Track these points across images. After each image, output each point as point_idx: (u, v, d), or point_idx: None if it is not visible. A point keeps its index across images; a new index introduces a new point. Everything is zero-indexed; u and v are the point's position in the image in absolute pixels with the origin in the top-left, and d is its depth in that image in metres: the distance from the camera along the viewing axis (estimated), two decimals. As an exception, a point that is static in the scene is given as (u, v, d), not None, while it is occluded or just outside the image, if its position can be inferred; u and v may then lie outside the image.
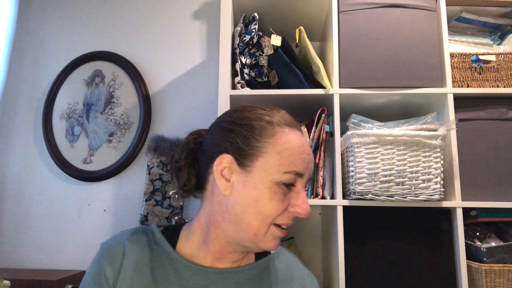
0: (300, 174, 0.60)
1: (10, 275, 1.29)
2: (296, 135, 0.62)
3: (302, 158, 0.60)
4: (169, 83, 1.57)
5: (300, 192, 0.60)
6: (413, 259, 1.01)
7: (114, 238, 0.66)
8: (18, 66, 1.66)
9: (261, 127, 0.61)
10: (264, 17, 1.31)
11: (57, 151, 1.54)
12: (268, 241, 0.60)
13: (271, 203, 0.58)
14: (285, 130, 0.61)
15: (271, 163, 0.58)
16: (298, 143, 0.61)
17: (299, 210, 0.59)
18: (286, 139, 0.60)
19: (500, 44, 1.26)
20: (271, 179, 0.58)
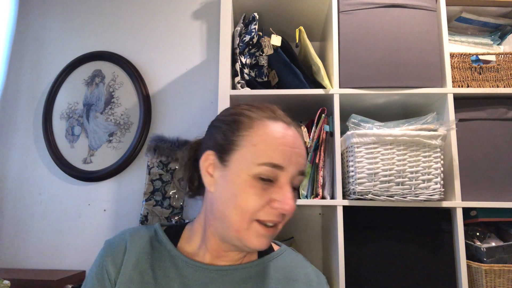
0: (279, 166, 0.57)
1: (10, 275, 1.29)
2: (278, 127, 0.60)
3: (282, 150, 0.58)
4: (169, 83, 1.57)
5: (283, 186, 0.58)
6: (413, 259, 1.01)
7: (117, 236, 0.67)
8: (18, 66, 1.66)
9: (239, 121, 0.61)
10: (264, 17, 1.31)
11: (57, 151, 1.54)
12: (252, 238, 0.58)
13: (247, 197, 0.56)
14: (265, 123, 0.60)
15: (247, 155, 0.58)
16: (278, 134, 0.59)
17: (281, 206, 0.56)
18: (263, 131, 0.59)
19: (500, 44, 1.26)
20: (247, 173, 0.57)
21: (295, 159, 0.59)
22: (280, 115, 0.63)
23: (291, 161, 0.58)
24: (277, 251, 0.71)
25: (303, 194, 1.07)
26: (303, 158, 0.61)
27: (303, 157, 0.61)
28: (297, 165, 0.59)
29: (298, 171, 0.60)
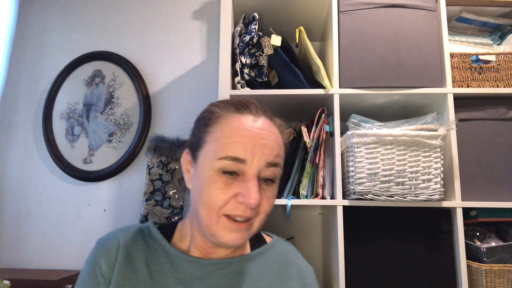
0: (240, 159, 0.56)
1: (10, 275, 1.29)
2: (242, 120, 0.59)
3: (243, 142, 0.56)
4: (169, 83, 1.57)
5: (248, 180, 0.56)
6: (413, 259, 1.01)
7: (109, 234, 0.67)
8: (18, 66, 1.66)
9: (206, 117, 0.62)
10: (264, 17, 1.31)
11: (57, 151, 1.54)
12: (223, 233, 0.57)
13: (211, 192, 0.56)
14: (229, 117, 0.59)
15: (210, 151, 0.58)
16: (239, 127, 0.58)
17: (245, 200, 0.55)
18: (225, 126, 0.58)
19: (500, 44, 1.26)
20: (210, 167, 0.57)
21: (260, 151, 0.57)
22: (250, 108, 0.61)
23: (254, 153, 0.56)
24: (269, 243, 0.72)
25: (303, 194, 1.07)
26: (272, 149, 0.58)
27: (271, 148, 0.58)
28: (263, 157, 0.57)
29: (266, 163, 0.57)
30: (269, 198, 0.60)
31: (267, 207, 0.60)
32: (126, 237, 0.65)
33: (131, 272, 0.61)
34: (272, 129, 0.61)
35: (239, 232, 0.58)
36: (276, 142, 0.60)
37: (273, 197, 0.61)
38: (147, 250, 0.64)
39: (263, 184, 0.59)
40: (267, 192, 0.59)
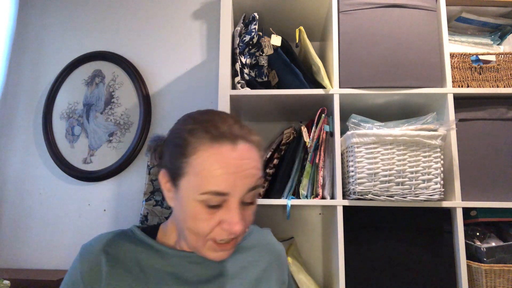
0: (222, 193, 0.57)
1: (10, 275, 1.29)
2: (221, 150, 0.58)
3: (224, 177, 0.57)
4: (169, 83, 1.57)
5: (231, 209, 0.58)
6: (413, 259, 1.01)
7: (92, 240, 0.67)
8: (18, 66, 1.66)
9: (183, 145, 0.60)
10: (264, 17, 1.31)
11: (57, 151, 1.54)
12: (210, 253, 0.61)
13: (197, 223, 0.59)
14: (206, 148, 0.58)
15: (191, 183, 0.58)
16: (220, 161, 0.57)
17: (229, 228, 0.58)
18: (204, 159, 0.57)
19: (500, 44, 1.26)
20: (194, 199, 0.58)
21: (241, 182, 0.58)
22: (225, 131, 0.60)
23: (236, 186, 0.58)
24: (247, 231, 0.78)
25: (303, 194, 1.07)
26: (252, 177, 0.59)
27: (251, 176, 0.59)
28: (244, 187, 0.59)
29: (248, 190, 0.59)
30: (250, 215, 0.63)
31: (249, 223, 0.64)
32: (108, 240, 0.66)
33: (124, 272, 0.63)
34: (251, 154, 0.61)
35: (225, 250, 0.62)
36: (256, 168, 0.61)
37: (254, 212, 0.64)
38: (135, 249, 0.66)
39: (244, 206, 0.61)
40: (248, 211, 0.62)
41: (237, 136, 0.60)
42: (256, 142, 0.64)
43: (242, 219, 0.59)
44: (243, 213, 0.60)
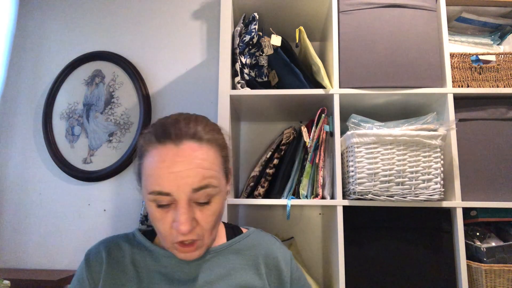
0: (165, 193, 0.58)
1: (10, 275, 1.29)
2: (163, 151, 0.59)
3: (165, 177, 0.58)
4: (169, 83, 1.57)
5: (178, 209, 0.58)
6: (413, 259, 1.01)
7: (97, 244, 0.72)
8: (18, 66, 1.66)
9: (138, 149, 0.65)
10: (264, 17, 1.31)
11: (57, 151, 1.54)
12: (177, 253, 0.63)
13: (156, 224, 0.61)
14: (151, 150, 0.61)
15: (144, 184, 0.62)
16: (161, 161, 0.59)
17: (177, 228, 0.58)
18: (150, 160, 0.60)
19: (500, 44, 1.26)
20: (147, 199, 0.61)
21: (182, 182, 0.58)
22: (171, 134, 0.61)
23: (178, 186, 0.58)
24: (245, 233, 0.76)
25: (303, 194, 1.07)
26: (196, 175, 0.59)
27: (194, 176, 0.59)
28: (186, 186, 0.58)
29: (192, 189, 0.58)
30: (208, 216, 0.62)
31: (209, 224, 0.62)
32: (111, 243, 0.71)
33: (120, 272, 0.66)
34: (195, 152, 0.60)
35: (193, 250, 0.62)
36: (201, 166, 0.60)
37: (214, 213, 0.63)
38: (132, 251, 0.69)
39: (199, 206, 0.61)
40: (204, 212, 0.61)
41: (183, 136, 0.61)
42: (211, 141, 0.63)
43: (191, 219, 0.59)
44: (198, 213, 0.60)
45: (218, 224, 0.66)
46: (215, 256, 0.69)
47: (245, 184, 1.20)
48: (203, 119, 0.68)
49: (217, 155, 0.64)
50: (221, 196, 0.64)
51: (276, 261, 0.71)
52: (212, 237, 0.65)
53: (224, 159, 0.67)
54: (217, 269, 0.68)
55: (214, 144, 0.64)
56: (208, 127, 0.65)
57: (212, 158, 0.62)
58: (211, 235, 0.64)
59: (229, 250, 0.71)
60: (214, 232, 0.65)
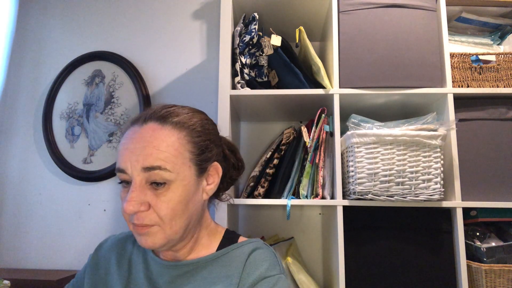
0: (121, 170, 0.59)
1: (10, 275, 1.29)
2: (130, 131, 0.62)
3: (122, 153, 0.60)
4: (169, 83, 1.57)
5: (130, 188, 0.58)
6: (413, 259, 1.01)
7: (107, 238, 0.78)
8: (18, 66, 1.66)
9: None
10: (264, 17, 1.31)
11: (57, 151, 1.54)
12: (137, 238, 0.61)
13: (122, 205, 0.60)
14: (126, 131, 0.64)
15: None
16: (124, 139, 0.62)
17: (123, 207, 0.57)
18: (121, 139, 0.63)
19: (500, 44, 1.26)
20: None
21: (134, 159, 0.58)
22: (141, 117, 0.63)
23: (130, 161, 0.58)
24: (237, 243, 0.69)
25: (303, 194, 1.07)
26: (148, 154, 0.58)
27: (144, 155, 0.58)
28: (137, 163, 0.58)
29: (142, 168, 0.58)
30: (165, 202, 0.58)
31: (166, 210, 0.58)
32: (119, 240, 0.76)
33: (118, 268, 0.70)
34: (155, 132, 0.60)
35: (145, 235, 0.60)
36: (156, 146, 0.59)
37: (170, 202, 0.59)
38: (132, 250, 0.73)
39: (153, 189, 0.59)
40: (161, 197, 0.58)
41: (149, 118, 0.62)
42: (179, 124, 0.62)
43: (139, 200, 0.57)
44: (152, 197, 0.58)
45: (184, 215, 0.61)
46: (198, 268, 0.66)
47: (245, 184, 1.20)
48: (188, 108, 0.67)
49: (182, 140, 0.61)
50: (182, 185, 0.60)
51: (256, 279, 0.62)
52: (175, 228, 0.60)
53: (196, 147, 0.63)
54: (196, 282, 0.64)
55: (181, 128, 0.62)
56: (185, 114, 0.64)
57: (173, 140, 0.60)
58: (172, 227, 0.60)
59: (214, 262, 0.66)
60: (176, 223, 0.60)
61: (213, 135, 0.69)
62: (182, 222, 0.61)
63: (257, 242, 0.70)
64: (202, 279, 0.64)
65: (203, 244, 0.69)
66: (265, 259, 0.65)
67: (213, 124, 0.71)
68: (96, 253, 0.75)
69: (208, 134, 0.66)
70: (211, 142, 0.67)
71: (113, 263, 0.72)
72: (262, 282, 0.61)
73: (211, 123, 0.70)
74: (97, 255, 0.75)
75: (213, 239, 0.71)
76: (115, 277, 0.69)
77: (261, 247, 0.68)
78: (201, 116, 0.68)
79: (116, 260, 0.72)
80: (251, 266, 0.63)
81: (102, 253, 0.75)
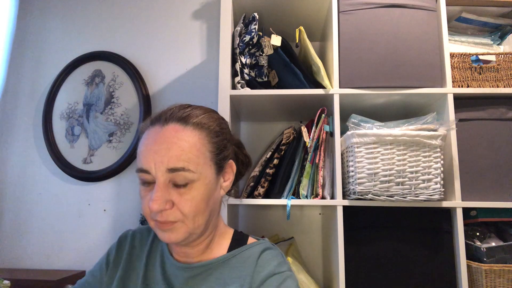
0: (144, 170, 0.60)
1: (10, 275, 1.29)
2: (150, 132, 0.63)
3: (145, 154, 0.60)
4: (169, 83, 1.57)
5: (155, 187, 0.59)
6: (413, 259, 1.01)
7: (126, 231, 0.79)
8: (18, 66, 1.66)
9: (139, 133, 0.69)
10: (264, 17, 1.31)
11: (57, 151, 1.54)
12: (159, 233, 0.63)
13: (141, 201, 0.63)
14: (144, 132, 0.64)
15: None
16: (146, 139, 0.62)
17: (149, 206, 0.59)
18: (141, 141, 0.63)
19: (500, 44, 1.26)
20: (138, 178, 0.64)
21: (158, 160, 0.59)
22: (161, 117, 0.64)
23: (155, 163, 0.59)
24: (247, 245, 0.71)
25: (303, 194, 1.07)
26: (171, 155, 0.59)
27: (170, 156, 0.59)
28: (161, 164, 0.59)
29: (166, 170, 0.59)
30: (188, 200, 0.60)
31: (189, 208, 0.60)
32: (138, 233, 0.77)
33: (138, 262, 0.72)
34: (178, 134, 0.61)
35: (168, 231, 0.61)
36: (180, 148, 0.60)
37: (194, 199, 0.61)
38: (152, 245, 0.74)
39: (176, 188, 0.60)
40: (183, 196, 0.60)
41: (171, 118, 0.63)
42: (199, 125, 0.63)
43: (164, 199, 0.59)
44: (175, 196, 0.60)
45: (206, 211, 0.63)
46: (210, 269, 0.67)
47: (245, 184, 1.20)
48: (202, 108, 0.68)
49: (203, 141, 0.63)
50: (204, 184, 0.62)
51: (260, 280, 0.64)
52: (197, 223, 0.62)
53: (215, 146, 0.65)
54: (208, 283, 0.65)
55: (202, 129, 0.63)
56: (202, 114, 0.66)
57: (195, 141, 0.62)
58: (195, 222, 0.62)
59: (225, 263, 0.68)
60: (198, 219, 0.62)
61: (228, 134, 0.71)
62: (204, 218, 0.64)
63: (266, 242, 0.72)
64: (215, 280, 0.66)
65: (214, 244, 0.71)
66: (274, 258, 0.68)
67: (226, 123, 0.73)
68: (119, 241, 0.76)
69: (225, 134, 0.68)
70: (228, 141, 0.69)
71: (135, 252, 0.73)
72: (272, 278, 0.64)
73: (225, 121, 0.72)
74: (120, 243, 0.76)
75: (223, 240, 0.73)
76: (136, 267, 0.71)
77: (270, 247, 0.71)
78: (216, 116, 0.69)
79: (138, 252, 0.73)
80: (261, 265, 0.66)
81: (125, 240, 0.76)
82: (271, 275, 0.64)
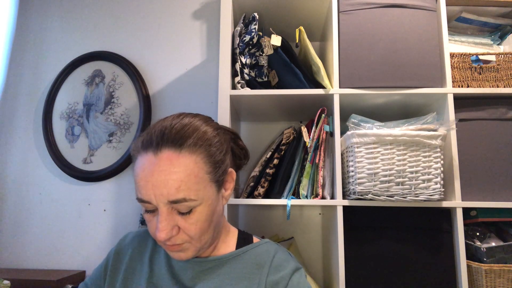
0: (143, 200, 0.59)
1: (10, 275, 1.29)
2: (144, 159, 0.60)
3: (143, 185, 0.59)
4: (169, 83, 1.57)
5: (158, 217, 0.59)
6: (413, 259, 1.01)
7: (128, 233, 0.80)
8: (18, 66, 1.66)
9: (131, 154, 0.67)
10: (264, 17, 1.31)
11: (57, 151, 1.54)
12: (168, 252, 0.65)
13: (147, 224, 0.64)
14: (138, 156, 0.62)
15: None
16: (140, 169, 0.59)
17: (156, 234, 0.59)
18: (136, 167, 0.62)
19: (500, 44, 1.26)
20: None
21: (158, 192, 0.58)
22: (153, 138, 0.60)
23: (155, 195, 0.58)
24: (254, 243, 0.74)
25: (303, 194, 1.07)
26: (170, 188, 0.57)
27: (169, 188, 0.57)
28: (162, 197, 0.58)
29: (168, 201, 0.58)
30: (193, 224, 0.61)
31: (195, 231, 0.61)
32: (138, 235, 0.77)
33: (139, 264, 0.72)
34: (173, 162, 0.58)
35: (177, 252, 0.63)
36: (178, 180, 0.58)
37: (198, 222, 0.61)
38: (154, 247, 0.74)
39: (181, 215, 0.60)
40: (187, 221, 0.60)
41: (164, 143, 0.59)
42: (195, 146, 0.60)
43: (170, 227, 0.59)
44: (180, 221, 0.60)
45: (210, 228, 0.64)
46: (220, 264, 0.69)
47: (245, 184, 1.20)
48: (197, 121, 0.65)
49: (200, 164, 0.60)
50: (207, 206, 0.62)
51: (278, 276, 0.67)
52: (204, 241, 0.64)
53: (212, 166, 0.63)
54: (219, 278, 0.67)
55: (197, 151, 0.61)
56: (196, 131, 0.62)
57: (192, 167, 0.59)
58: (201, 241, 0.63)
59: (236, 259, 0.69)
60: (205, 237, 0.63)
61: (224, 142, 0.68)
62: (210, 234, 0.65)
63: (272, 242, 0.75)
64: (225, 274, 0.68)
65: (222, 242, 0.73)
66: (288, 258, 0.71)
67: (220, 128, 0.70)
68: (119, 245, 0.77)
69: (221, 145, 0.66)
70: (225, 153, 0.67)
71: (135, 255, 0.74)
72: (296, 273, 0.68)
73: (220, 129, 0.69)
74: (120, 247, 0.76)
75: (229, 238, 0.75)
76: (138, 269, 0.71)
77: (280, 248, 0.74)
78: (211, 125, 0.66)
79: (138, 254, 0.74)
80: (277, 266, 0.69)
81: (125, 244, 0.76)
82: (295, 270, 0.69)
